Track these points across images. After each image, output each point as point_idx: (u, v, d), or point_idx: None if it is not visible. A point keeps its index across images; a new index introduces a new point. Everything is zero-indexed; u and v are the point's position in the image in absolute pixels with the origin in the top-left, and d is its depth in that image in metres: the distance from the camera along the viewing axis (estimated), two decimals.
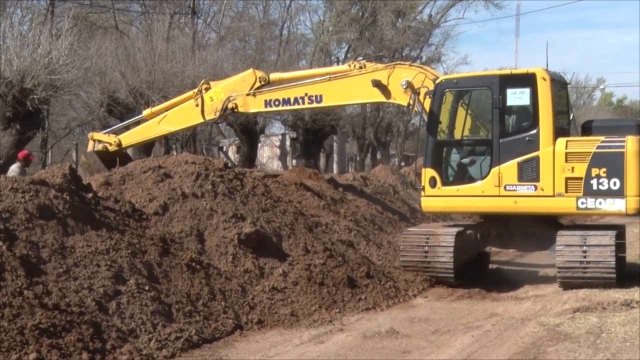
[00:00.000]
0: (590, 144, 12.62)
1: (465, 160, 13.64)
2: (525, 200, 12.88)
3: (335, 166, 48.04)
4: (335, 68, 16.53)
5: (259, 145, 35.26)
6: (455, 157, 13.85)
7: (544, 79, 12.98)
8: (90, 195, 10.75)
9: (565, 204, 12.69)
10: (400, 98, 14.39)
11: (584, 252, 12.15)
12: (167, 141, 32.02)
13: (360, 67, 15.16)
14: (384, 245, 16.68)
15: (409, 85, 14.20)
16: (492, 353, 8.54)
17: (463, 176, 13.59)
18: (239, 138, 32.06)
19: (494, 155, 13.16)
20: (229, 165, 15.53)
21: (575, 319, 9.60)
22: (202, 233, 11.89)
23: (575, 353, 8.03)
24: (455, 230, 13.33)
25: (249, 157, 29.68)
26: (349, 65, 15.59)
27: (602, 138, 12.64)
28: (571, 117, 14.74)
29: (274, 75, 16.76)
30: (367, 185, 21.07)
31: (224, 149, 45.76)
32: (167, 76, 22.04)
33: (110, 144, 17.51)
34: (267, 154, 47.40)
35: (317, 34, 44.89)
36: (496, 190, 13.08)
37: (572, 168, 12.59)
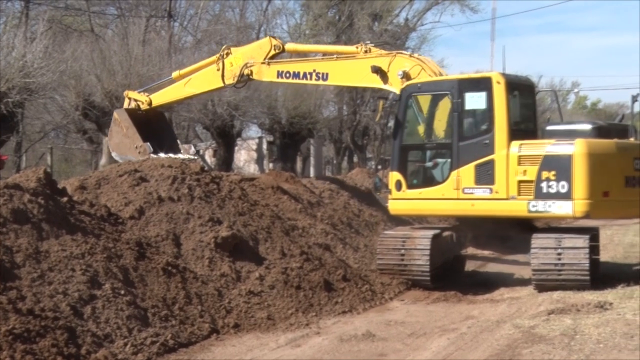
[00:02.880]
0: (541, 147, 12.68)
1: (429, 164, 13.82)
2: (482, 203, 13.02)
3: (312, 169, 48.02)
4: (344, 48, 16.63)
5: (236, 148, 35.14)
6: (419, 160, 14.07)
7: (498, 83, 13.11)
8: (65, 199, 10.68)
9: (517, 207, 12.75)
10: (397, 86, 14.37)
11: (559, 254, 12.24)
12: None
13: (366, 51, 15.20)
14: (360, 248, 16.72)
15: (405, 76, 14.20)
16: (467, 355, 8.59)
17: (426, 179, 13.78)
18: (215, 141, 31.97)
19: (454, 158, 13.33)
20: (206, 168, 15.50)
21: (550, 321, 9.67)
22: (178, 237, 11.85)
23: (549, 355, 8.09)
24: (431, 233, 13.39)
25: (226, 160, 29.61)
26: (356, 47, 15.65)
27: (552, 141, 12.68)
28: (547, 119, 14.92)
29: (289, 45, 17.38)
30: (344, 189, 21.09)
31: (201, 152, 45.61)
32: (144, 79, 21.91)
33: (142, 102, 18.34)
34: (244, 158, 47.27)
35: (294, 38, 44.89)
36: (455, 193, 13.25)
37: (525, 171, 12.67)
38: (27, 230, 9.39)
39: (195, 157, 19.40)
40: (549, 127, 13.38)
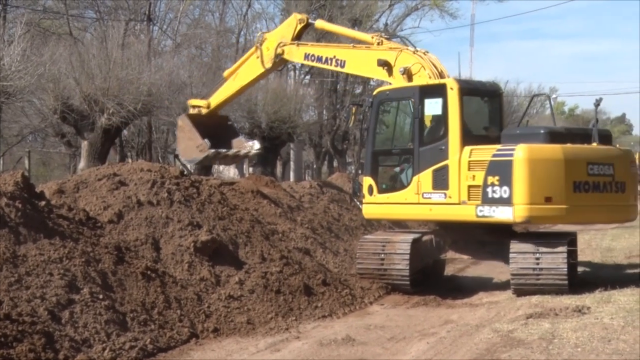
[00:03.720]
0: (488, 153, 12.75)
1: (396, 169, 14.03)
2: (438, 207, 13.15)
3: (292, 174, 47.99)
4: (363, 36, 16.77)
5: None
6: (387, 166, 14.33)
7: (452, 89, 13.26)
8: (43, 203, 10.60)
9: (467, 212, 12.84)
10: (398, 82, 14.43)
11: (537, 259, 12.30)
12: (122, 149, 31.74)
13: (379, 43, 15.27)
14: (340, 252, 16.74)
15: (405, 72, 14.27)
16: (447, 359, 8.61)
17: (393, 184, 14.01)
18: None
19: (415, 164, 13.52)
20: (185, 173, 15.45)
21: (528, 325, 9.71)
22: (157, 241, 11.80)
23: (528, 359, 8.12)
24: (411, 237, 13.44)
25: (205, 165, 29.50)
26: (371, 37, 15.74)
27: (498, 146, 12.76)
28: (525, 123, 15.00)
29: (318, 23, 17.95)
30: (324, 193, 21.12)
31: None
32: (123, 83, 21.79)
33: (203, 107, 19.12)
34: None
35: None
36: (416, 198, 13.43)
37: (474, 176, 12.76)
38: (4, 234, 9.31)
39: (258, 148, 20.11)
40: (506, 132, 13.40)
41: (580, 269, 14.43)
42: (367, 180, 14.20)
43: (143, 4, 31.91)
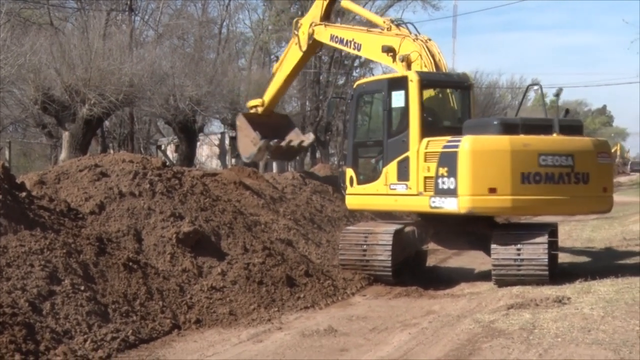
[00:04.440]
0: (440, 144, 12.84)
1: (372, 161, 14.19)
2: (402, 198, 13.36)
3: (274, 165, 47.94)
4: (377, 19, 17.12)
5: (198, 144, 35.01)
6: (364, 157, 14.49)
7: (412, 81, 13.45)
8: (23, 194, 10.54)
9: (422, 203, 13.00)
10: (399, 69, 14.59)
11: (518, 250, 12.36)
12: (104, 139, 31.61)
13: (388, 29, 15.50)
14: (323, 244, 16.75)
15: (405, 60, 14.47)
16: (428, 350, 8.65)
17: (368, 176, 14.20)
18: (177, 137, 31.76)
19: (384, 155, 13.74)
20: (167, 164, 15.41)
21: (509, 316, 9.77)
22: (139, 232, 11.76)
23: (508, 349, 8.18)
24: (393, 228, 13.48)
25: (188, 155, 29.45)
26: (383, 22, 15.99)
27: (449, 138, 12.82)
28: (504, 114, 15.07)
29: (344, 2, 18.49)
30: (307, 184, 21.12)
31: (162, 147, 45.27)
32: (104, 74, 21.67)
33: (259, 105, 20.25)
34: (206, 153, 47.06)
35: (256, 33, 44.83)
36: (385, 189, 13.67)
37: (428, 168, 12.88)
38: None
39: (313, 139, 21.34)
40: (466, 123, 13.46)
41: (560, 259, 14.53)
42: (349, 172, 14.52)
43: None
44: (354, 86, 14.77)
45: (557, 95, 13.88)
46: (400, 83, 13.70)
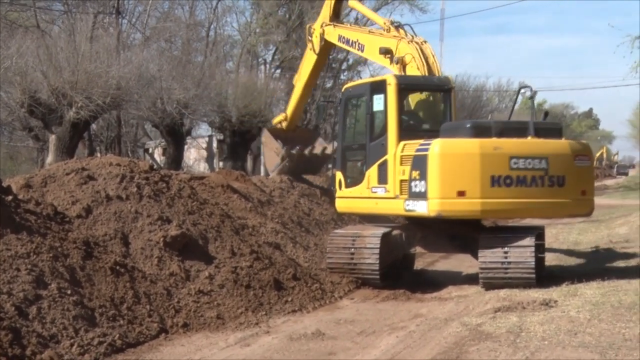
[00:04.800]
0: (413, 148, 12.90)
1: (358, 164, 14.33)
2: (381, 201, 13.45)
3: (262, 168, 47.86)
4: (378, 20, 17.09)
5: (186, 147, 34.93)
6: (351, 160, 14.65)
7: (390, 85, 13.56)
8: (10, 197, 10.49)
9: (398, 206, 13.08)
10: (395, 71, 14.66)
11: (505, 253, 12.39)
12: (91, 143, 31.48)
13: (387, 30, 15.57)
14: (310, 247, 16.76)
15: (400, 62, 14.56)
16: (416, 353, 8.67)
17: (354, 179, 14.32)
18: (165, 140, 31.71)
19: (367, 159, 13.87)
20: (155, 167, 15.38)
21: (497, 319, 9.80)
22: (126, 236, 11.73)
23: (495, 352, 8.20)
24: (380, 232, 13.49)
25: (175, 159, 29.39)
26: (384, 23, 16.01)
27: (421, 141, 12.87)
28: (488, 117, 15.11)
29: (351, 2, 18.58)
30: (294, 188, 21.12)
31: (150, 150, 45.16)
32: (91, 76, 21.57)
33: (283, 120, 20.46)
34: (194, 156, 46.97)
35: (244, 36, 44.74)
36: (367, 192, 13.80)
37: (403, 171, 12.96)
38: None
39: (328, 146, 20.85)
40: (443, 126, 13.54)
41: (547, 262, 14.58)
42: (338, 175, 14.67)
43: None
44: (342, 90, 14.89)
45: (531, 97, 13.96)
46: (380, 87, 13.82)
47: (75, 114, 21.16)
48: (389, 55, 14.80)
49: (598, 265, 15.34)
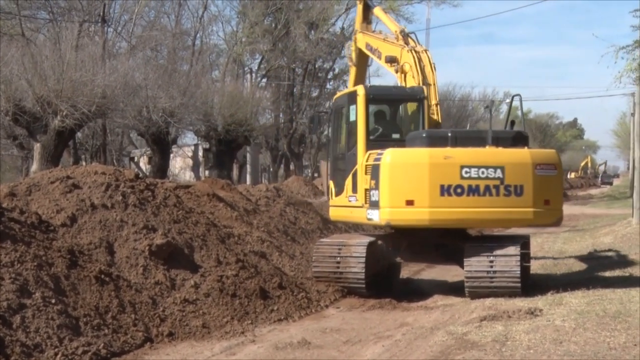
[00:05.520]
0: (372, 157, 13.07)
1: (346, 173, 14.36)
2: (355, 210, 13.63)
3: (248, 177, 47.88)
4: (392, 27, 16.86)
5: (171, 155, 34.86)
6: (339, 170, 14.81)
7: (359, 95, 13.85)
8: None
9: (361, 215, 13.29)
10: (398, 78, 14.79)
11: (491, 262, 12.41)
12: (76, 151, 31.37)
13: (396, 38, 15.58)
14: (296, 256, 16.74)
15: (400, 71, 14.72)
16: None
17: (340, 188, 14.52)
18: (150, 148, 31.66)
19: (346, 168, 14.15)
20: (140, 176, 15.33)
21: (482, 328, 9.81)
22: (111, 245, 11.67)
23: None
24: (366, 241, 13.49)
25: (161, 167, 29.34)
26: (394, 31, 16.01)
27: (378, 151, 13.01)
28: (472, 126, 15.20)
29: (376, 10, 17.80)
30: (280, 197, 21.10)
31: (135, 159, 45.08)
32: (76, 85, 21.52)
33: None
34: (180, 165, 46.92)
35: (230, 45, 44.78)
36: (346, 200, 14.08)
37: (367, 180, 13.14)
38: None
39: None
40: (409, 136, 13.66)
41: (532, 271, 14.62)
42: (330, 184, 15.08)
43: (97, 5, 31.57)
44: (333, 100, 15.14)
45: (487, 107, 14.14)
46: (352, 97, 14.12)
47: (60, 123, 21.10)
48: (395, 64, 14.90)
49: (583, 274, 15.41)
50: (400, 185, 12.49)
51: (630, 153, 43.21)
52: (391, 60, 14.92)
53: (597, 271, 15.73)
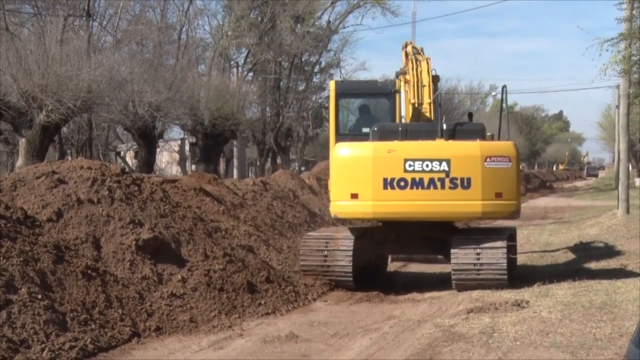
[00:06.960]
0: (334, 152, 13.31)
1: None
2: (334, 204, 13.48)
3: (235, 171, 47.83)
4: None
5: (158, 150, 34.77)
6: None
7: (330, 90, 14.21)
8: None
9: (334, 209, 13.37)
10: (398, 84, 14.75)
11: (477, 254, 12.47)
12: (62, 146, 31.24)
13: (404, 46, 15.76)
14: (284, 249, 16.73)
15: (401, 74, 14.78)
16: (389, 355, 8.69)
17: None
18: (136, 143, 31.52)
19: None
20: (127, 170, 15.27)
21: (469, 320, 9.85)
22: (98, 240, 11.63)
23: (468, 353, 8.24)
24: (354, 234, 13.51)
25: (147, 162, 29.23)
26: (405, 42, 16.03)
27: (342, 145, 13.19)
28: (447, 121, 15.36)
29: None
30: (267, 190, 21.09)
31: (122, 154, 44.90)
32: (62, 79, 21.39)
33: None
34: (166, 159, 46.83)
35: (216, 39, 44.67)
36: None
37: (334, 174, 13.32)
38: None
39: None
40: (371, 129, 13.82)
41: (519, 263, 14.68)
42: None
43: (82, 0, 31.37)
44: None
45: (436, 100, 14.20)
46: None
47: (46, 117, 20.97)
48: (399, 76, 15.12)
49: (569, 266, 15.49)
50: (346, 178, 12.73)
51: (615, 145, 43.43)
52: (398, 75, 14.98)
53: (583, 262, 15.83)
